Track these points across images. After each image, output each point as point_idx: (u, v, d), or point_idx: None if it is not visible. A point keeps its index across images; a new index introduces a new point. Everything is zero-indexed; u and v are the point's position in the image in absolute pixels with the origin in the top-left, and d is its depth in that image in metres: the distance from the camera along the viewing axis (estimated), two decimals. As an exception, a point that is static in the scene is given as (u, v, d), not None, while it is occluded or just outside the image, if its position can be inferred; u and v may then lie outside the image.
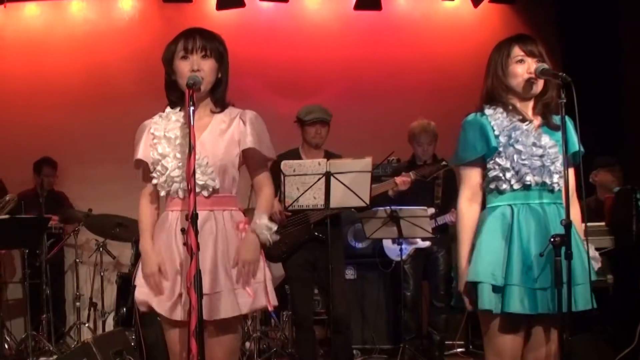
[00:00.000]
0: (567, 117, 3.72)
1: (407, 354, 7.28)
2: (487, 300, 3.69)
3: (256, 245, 3.81)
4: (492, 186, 3.84)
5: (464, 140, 3.89)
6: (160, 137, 3.83)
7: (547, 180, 3.76)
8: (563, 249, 3.48)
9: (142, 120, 4.00)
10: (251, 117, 3.87)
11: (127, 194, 7.21)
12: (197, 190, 3.65)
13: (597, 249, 3.91)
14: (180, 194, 3.77)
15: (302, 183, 5.71)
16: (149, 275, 3.77)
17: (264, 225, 3.83)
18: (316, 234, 6.29)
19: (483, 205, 3.93)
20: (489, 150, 3.80)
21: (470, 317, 8.04)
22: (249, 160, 3.91)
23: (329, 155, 6.30)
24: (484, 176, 3.88)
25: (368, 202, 5.83)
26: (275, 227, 3.89)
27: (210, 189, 3.75)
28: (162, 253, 3.78)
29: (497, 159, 3.79)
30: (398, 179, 6.49)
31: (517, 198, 3.79)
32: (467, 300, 3.79)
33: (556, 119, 3.80)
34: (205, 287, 3.56)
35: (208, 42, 3.79)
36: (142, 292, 3.82)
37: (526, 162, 3.74)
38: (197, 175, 3.63)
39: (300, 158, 6.28)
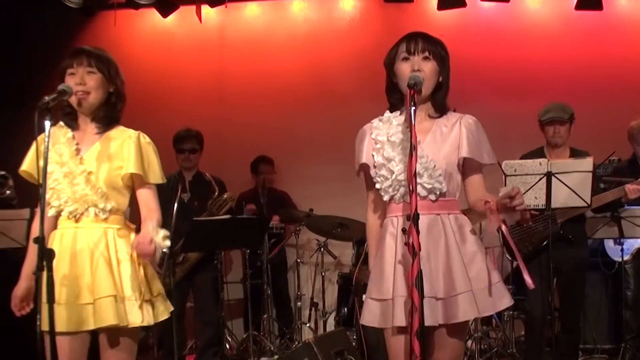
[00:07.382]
0: None
1: (628, 353, 7.39)
2: None
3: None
4: None
5: None
6: (383, 141, 3.90)
7: None
8: None
9: (361, 121, 4.11)
10: (470, 124, 3.92)
11: (347, 194, 7.55)
12: (425, 194, 3.76)
13: None
14: (407, 198, 3.72)
15: (523, 183, 5.86)
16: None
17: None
18: (562, 232, 6.40)
19: None
20: None
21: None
22: (465, 165, 3.93)
23: (575, 153, 6.48)
24: None
25: (589, 202, 5.96)
26: None
27: (438, 192, 3.79)
28: (387, 259, 3.86)
29: None
30: (628, 187, 6.52)
31: None
32: None
33: None
34: (441, 291, 3.68)
35: (430, 44, 3.87)
36: (368, 317, 3.93)
37: None
38: (424, 179, 3.75)
39: (544, 157, 6.38)
